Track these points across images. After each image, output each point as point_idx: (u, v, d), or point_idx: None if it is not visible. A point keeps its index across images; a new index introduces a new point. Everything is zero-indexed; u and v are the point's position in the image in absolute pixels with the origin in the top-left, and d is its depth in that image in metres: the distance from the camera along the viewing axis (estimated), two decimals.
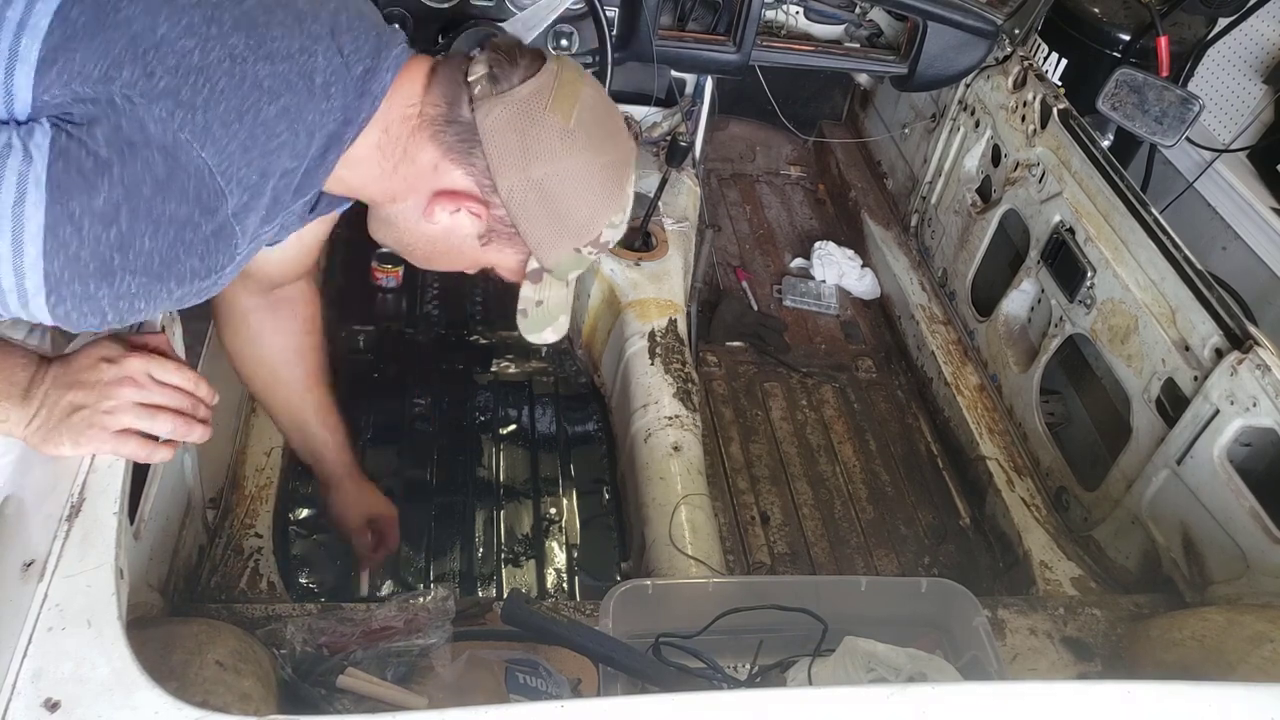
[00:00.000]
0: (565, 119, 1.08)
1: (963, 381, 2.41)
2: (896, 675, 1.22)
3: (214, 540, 1.66)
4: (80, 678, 0.89)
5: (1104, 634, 1.63)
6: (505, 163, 1.07)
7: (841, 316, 2.81)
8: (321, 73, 1.01)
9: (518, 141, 1.07)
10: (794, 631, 1.34)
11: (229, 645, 1.14)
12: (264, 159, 0.98)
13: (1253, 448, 1.66)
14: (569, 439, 2.29)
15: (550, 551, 2.06)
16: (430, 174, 1.10)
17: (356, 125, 1.06)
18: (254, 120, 0.96)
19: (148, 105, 0.91)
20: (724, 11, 2.25)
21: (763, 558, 2.10)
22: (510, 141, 1.07)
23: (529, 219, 1.11)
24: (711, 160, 3.23)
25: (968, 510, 2.25)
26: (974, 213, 2.53)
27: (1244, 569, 1.60)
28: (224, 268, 1.01)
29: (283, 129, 0.99)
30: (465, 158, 1.08)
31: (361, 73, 1.05)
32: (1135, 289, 1.91)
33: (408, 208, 1.14)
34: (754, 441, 2.37)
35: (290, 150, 1.00)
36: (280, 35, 0.99)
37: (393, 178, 1.12)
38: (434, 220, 1.12)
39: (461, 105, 1.08)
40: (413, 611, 1.35)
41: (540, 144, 1.07)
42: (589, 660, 1.29)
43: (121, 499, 1.05)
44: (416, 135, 1.09)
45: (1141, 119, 2.17)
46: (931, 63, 2.32)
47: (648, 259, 2.35)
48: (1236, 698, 0.97)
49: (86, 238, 0.90)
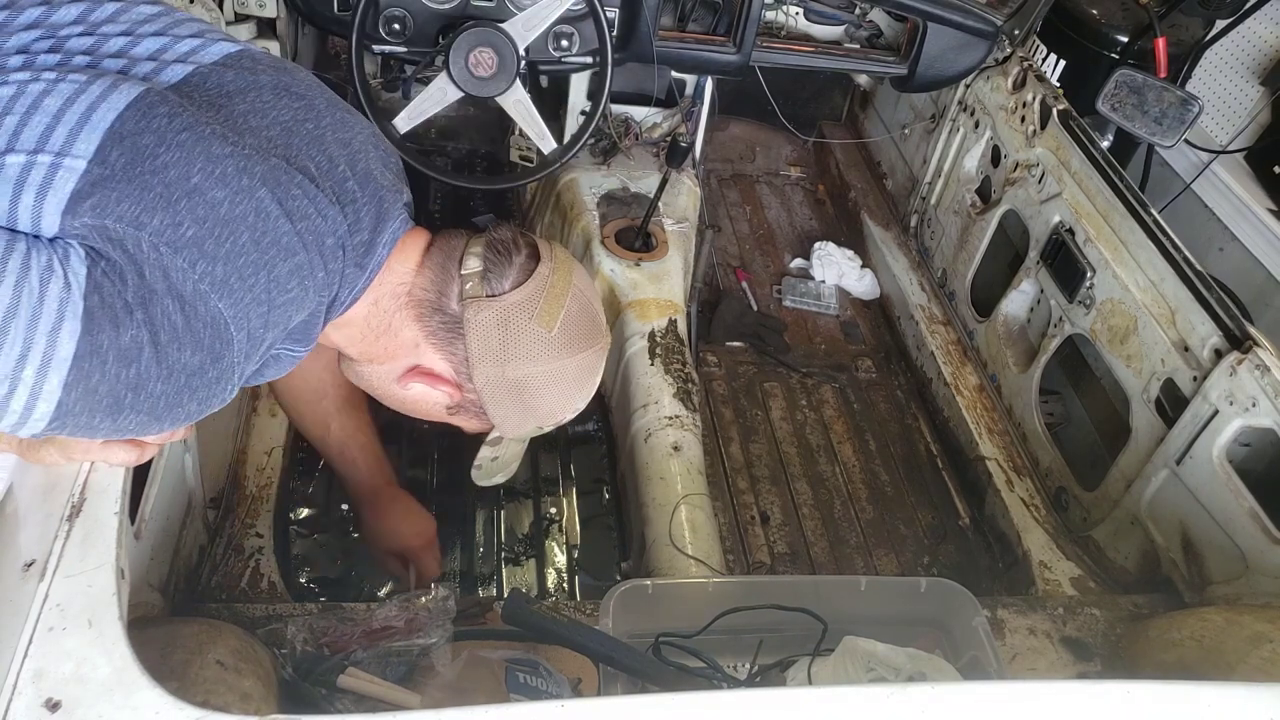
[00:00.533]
0: (548, 327, 1.14)
1: (962, 382, 2.41)
2: (896, 675, 1.22)
3: (214, 540, 1.66)
4: (81, 678, 0.89)
5: (1103, 634, 1.64)
6: (485, 359, 1.14)
7: (841, 317, 2.81)
8: (332, 235, 1.04)
9: (499, 343, 1.13)
10: (794, 631, 1.34)
11: (230, 645, 1.14)
12: (272, 313, 1.00)
13: (1252, 448, 1.66)
14: (569, 439, 2.29)
15: (550, 551, 2.06)
16: (411, 349, 1.16)
17: (352, 294, 1.10)
18: (268, 276, 0.98)
19: (173, 254, 0.92)
20: (724, 12, 2.25)
21: (763, 557, 2.10)
22: (492, 342, 1.13)
23: (498, 406, 1.17)
24: (711, 161, 3.24)
25: (967, 510, 2.25)
26: (974, 213, 2.53)
27: (1243, 569, 1.60)
28: (212, 409, 1.01)
29: (293, 286, 1.01)
30: (447, 346, 1.15)
31: (360, 244, 1.08)
32: (1135, 289, 1.91)
33: (384, 370, 1.20)
34: (754, 441, 2.37)
35: (297, 306, 1.03)
36: (299, 195, 1.01)
37: (374, 344, 1.17)
38: (407, 389, 1.19)
39: (450, 297, 1.13)
40: (413, 611, 1.35)
41: (520, 348, 1.13)
42: (589, 660, 1.30)
43: (122, 499, 1.05)
44: (403, 313, 1.14)
45: (1141, 120, 2.17)
46: (931, 63, 2.32)
47: (648, 259, 2.35)
48: (1236, 698, 0.97)
49: (107, 374, 0.90)
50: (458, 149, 3.06)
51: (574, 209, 2.48)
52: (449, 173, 2.61)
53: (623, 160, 2.57)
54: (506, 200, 2.93)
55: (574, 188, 2.49)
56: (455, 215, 2.88)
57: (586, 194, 2.46)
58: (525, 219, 2.83)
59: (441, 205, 2.90)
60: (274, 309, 1.00)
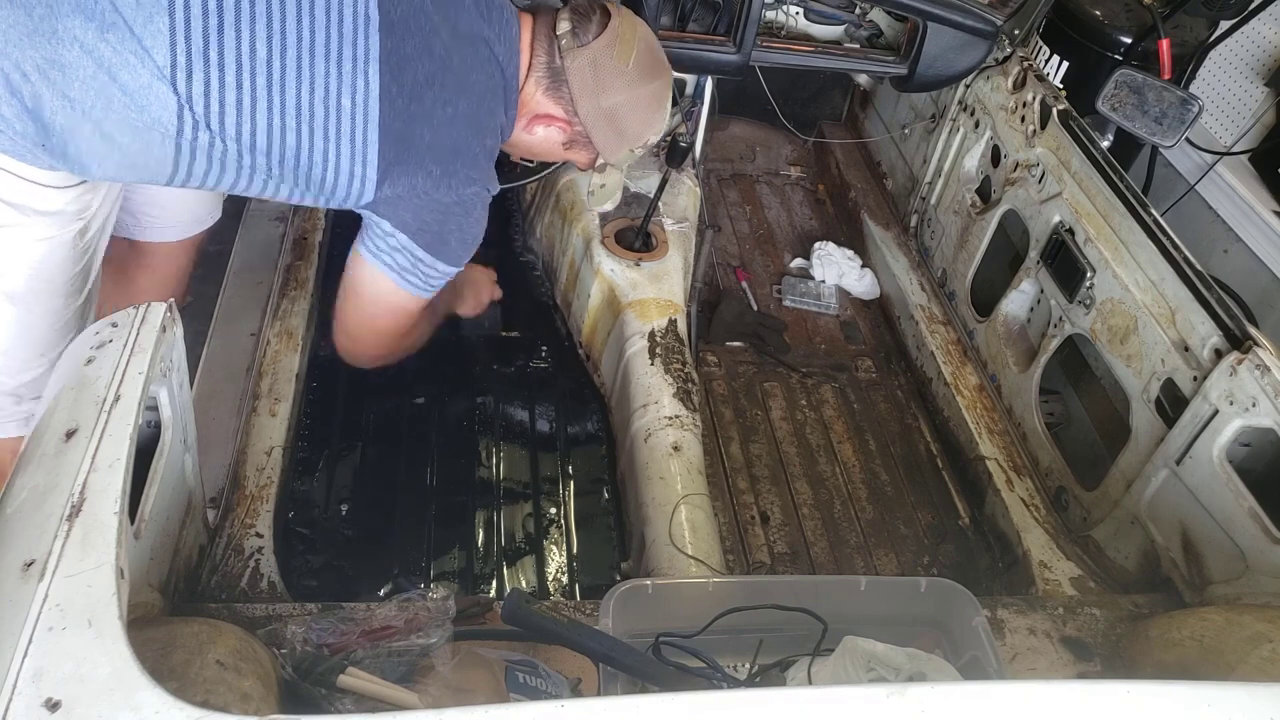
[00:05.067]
0: (625, 62, 1.56)
1: (962, 381, 2.41)
2: (896, 675, 1.22)
3: (214, 540, 1.66)
4: (81, 677, 0.88)
5: (1103, 634, 1.64)
6: (584, 95, 1.57)
7: (841, 316, 2.81)
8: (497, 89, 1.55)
9: (593, 79, 1.56)
10: (794, 631, 1.34)
11: (229, 645, 1.14)
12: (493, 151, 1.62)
13: (1252, 448, 1.66)
14: (569, 439, 2.29)
15: (550, 551, 2.06)
16: (532, 104, 1.60)
17: (510, 105, 1.58)
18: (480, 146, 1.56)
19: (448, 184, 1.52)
20: (724, 12, 2.25)
21: (763, 557, 2.10)
22: (587, 79, 1.56)
23: (599, 133, 1.62)
24: (711, 160, 3.24)
25: (967, 510, 2.25)
26: (974, 213, 2.53)
27: (1243, 569, 1.60)
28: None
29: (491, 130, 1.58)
30: (555, 92, 1.59)
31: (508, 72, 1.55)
32: (1135, 289, 1.91)
33: (517, 126, 1.62)
34: (754, 441, 2.37)
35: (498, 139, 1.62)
36: (475, 72, 1.51)
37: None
38: (533, 134, 1.64)
39: (554, 55, 1.56)
40: (413, 611, 1.35)
41: (608, 81, 1.57)
42: (589, 660, 1.29)
43: (122, 499, 1.05)
44: (527, 81, 1.58)
45: (1141, 120, 2.17)
46: (931, 63, 2.32)
47: (648, 259, 2.35)
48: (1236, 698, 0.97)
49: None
50: None
51: (574, 209, 2.48)
52: None
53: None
54: (507, 200, 2.93)
55: (574, 188, 2.50)
56: None
57: (587, 194, 2.46)
58: (525, 219, 2.83)
59: None
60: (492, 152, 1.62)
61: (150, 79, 1.29)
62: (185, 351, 1.33)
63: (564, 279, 2.54)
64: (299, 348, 2.09)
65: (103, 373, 1.17)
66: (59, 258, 1.48)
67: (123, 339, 1.21)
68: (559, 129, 1.62)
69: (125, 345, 1.21)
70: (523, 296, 2.63)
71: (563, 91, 1.57)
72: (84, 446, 1.09)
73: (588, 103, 1.57)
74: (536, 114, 1.61)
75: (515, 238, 2.81)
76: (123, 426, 1.11)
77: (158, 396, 1.27)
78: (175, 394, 1.31)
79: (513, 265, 2.73)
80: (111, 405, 1.13)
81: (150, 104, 1.31)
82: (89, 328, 1.27)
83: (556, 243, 2.59)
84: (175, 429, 1.33)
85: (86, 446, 1.09)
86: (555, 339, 2.51)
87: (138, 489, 1.22)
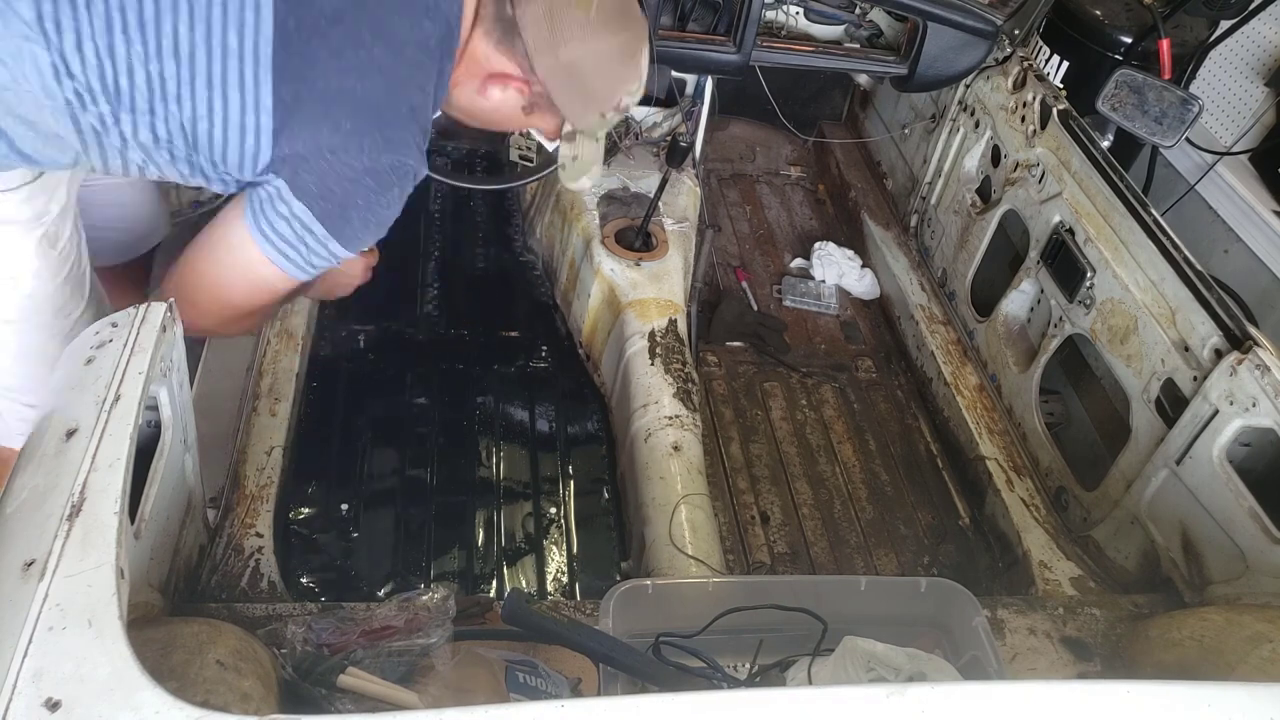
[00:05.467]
0: (586, 11, 1.37)
1: (962, 381, 2.41)
2: (896, 675, 1.22)
3: (214, 540, 1.66)
4: (81, 677, 0.88)
5: (1103, 634, 1.64)
6: (541, 49, 1.37)
7: (841, 316, 2.81)
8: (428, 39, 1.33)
9: (549, 30, 1.36)
10: (794, 631, 1.34)
11: (229, 645, 1.14)
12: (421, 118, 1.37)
13: (1252, 448, 1.66)
14: (569, 439, 2.29)
15: (550, 551, 2.06)
16: (483, 62, 1.41)
17: (447, 57, 1.38)
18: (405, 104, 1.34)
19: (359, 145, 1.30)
20: (724, 12, 2.25)
21: (763, 557, 2.10)
22: (543, 30, 1.36)
23: (562, 94, 1.41)
24: (711, 160, 3.24)
25: (967, 510, 2.25)
26: (974, 213, 2.53)
27: (1243, 569, 1.60)
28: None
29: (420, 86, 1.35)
30: (509, 46, 1.38)
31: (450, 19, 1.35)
32: (1135, 289, 1.91)
33: (468, 90, 1.43)
34: (754, 441, 2.37)
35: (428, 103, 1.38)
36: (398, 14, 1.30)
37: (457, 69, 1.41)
38: (487, 97, 1.42)
39: (505, 3, 1.37)
40: (413, 611, 1.35)
41: (566, 31, 1.36)
42: (589, 660, 1.29)
43: (122, 498, 1.05)
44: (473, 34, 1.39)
45: (1141, 119, 2.17)
46: (931, 63, 2.32)
47: (648, 259, 2.35)
48: (1236, 698, 0.97)
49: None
50: (457, 149, 3.06)
51: (574, 209, 2.48)
52: (449, 173, 2.61)
53: (623, 160, 2.57)
54: (507, 200, 2.93)
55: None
56: (455, 215, 2.88)
57: (587, 194, 2.47)
58: (525, 219, 2.83)
59: (441, 205, 2.90)
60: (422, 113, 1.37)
61: (20, 41, 1.16)
62: (185, 351, 1.33)
63: (564, 279, 2.54)
64: (299, 348, 2.09)
65: (103, 372, 1.17)
66: (33, 268, 1.43)
67: (123, 339, 1.21)
68: (516, 90, 1.41)
69: (125, 345, 1.20)
70: (523, 296, 2.64)
71: (517, 45, 1.37)
72: (84, 446, 1.09)
73: (546, 57, 1.37)
74: (490, 73, 1.40)
75: (515, 238, 2.82)
76: (123, 426, 1.11)
77: (158, 396, 1.27)
78: (175, 394, 1.31)
79: (513, 265, 2.73)
80: (112, 405, 1.13)
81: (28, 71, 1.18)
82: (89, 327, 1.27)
83: (556, 242, 2.59)
84: (175, 429, 1.33)
85: (87, 446, 1.09)
86: (555, 339, 2.52)
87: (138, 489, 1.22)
